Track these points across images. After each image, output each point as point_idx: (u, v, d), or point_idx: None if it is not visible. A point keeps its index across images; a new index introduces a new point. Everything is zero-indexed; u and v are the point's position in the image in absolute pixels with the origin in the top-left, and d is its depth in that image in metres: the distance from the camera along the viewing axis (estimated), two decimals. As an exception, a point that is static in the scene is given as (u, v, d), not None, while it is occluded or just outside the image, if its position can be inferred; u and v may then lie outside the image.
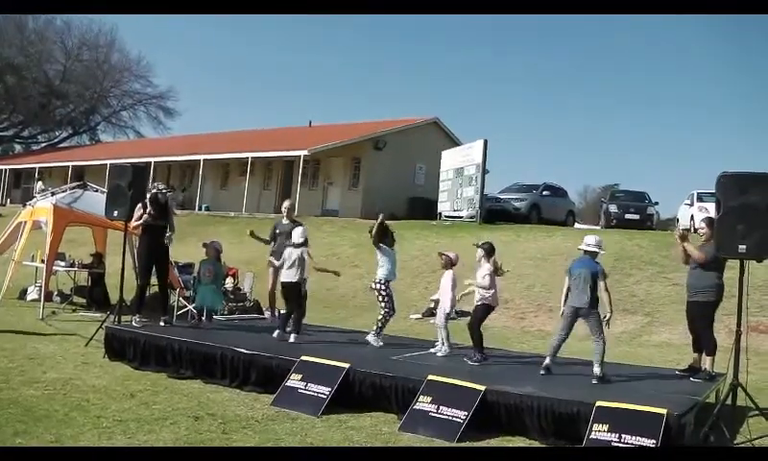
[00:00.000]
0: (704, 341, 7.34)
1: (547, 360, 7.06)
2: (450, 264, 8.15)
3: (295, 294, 8.54)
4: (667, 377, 7.38)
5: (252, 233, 10.00)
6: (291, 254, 8.54)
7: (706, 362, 7.29)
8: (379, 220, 8.54)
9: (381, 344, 8.36)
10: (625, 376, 7.40)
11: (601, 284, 6.87)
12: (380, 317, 8.47)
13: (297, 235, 8.70)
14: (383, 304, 8.42)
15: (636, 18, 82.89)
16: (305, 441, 5.58)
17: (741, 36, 70.21)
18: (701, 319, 7.37)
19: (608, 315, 6.84)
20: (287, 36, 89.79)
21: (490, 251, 7.76)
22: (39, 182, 32.19)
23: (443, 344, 8.04)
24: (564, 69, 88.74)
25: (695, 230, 17.24)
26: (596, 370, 6.80)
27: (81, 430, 5.42)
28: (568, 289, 7.02)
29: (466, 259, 8.53)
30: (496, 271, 7.70)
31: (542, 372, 6.97)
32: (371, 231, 8.58)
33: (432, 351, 8.12)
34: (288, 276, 8.53)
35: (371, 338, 8.42)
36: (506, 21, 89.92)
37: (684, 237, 7.61)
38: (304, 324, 8.84)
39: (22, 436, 5.18)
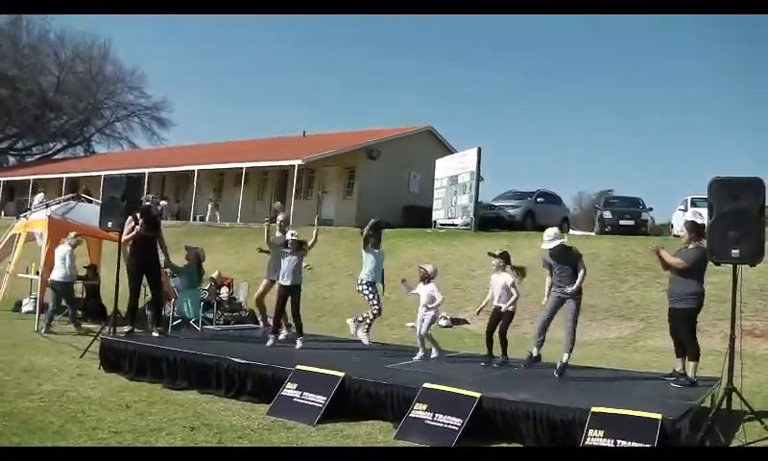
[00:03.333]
0: (687, 347, 7.28)
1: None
2: (427, 278, 8.17)
3: (295, 297, 8.75)
4: (662, 382, 7.38)
5: (260, 250, 10.13)
6: (290, 258, 8.68)
7: (688, 368, 7.23)
8: (371, 223, 9.07)
9: (368, 343, 8.87)
10: (620, 381, 7.41)
11: None
12: (368, 315, 8.99)
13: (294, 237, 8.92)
14: (373, 304, 8.91)
15: (630, 24, 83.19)
16: (301, 450, 5.58)
17: (737, 40, 70.64)
18: (684, 326, 7.29)
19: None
20: (281, 42, 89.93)
21: (508, 258, 7.95)
22: (41, 194, 31.06)
23: (424, 352, 8.12)
24: (560, 75, 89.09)
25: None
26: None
27: (76, 442, 5.40)
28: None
29: (461, 268, 8.54)
30: (518, 273, 7.96)
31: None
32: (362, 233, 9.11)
33: (416, 358, 8.11)
34: (289, 279, 8.69)
35: (360, 334, 8.95)
36: (500, 26, 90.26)
37: (657, 250, 7.49)
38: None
39: (17, 449, 5.16)
